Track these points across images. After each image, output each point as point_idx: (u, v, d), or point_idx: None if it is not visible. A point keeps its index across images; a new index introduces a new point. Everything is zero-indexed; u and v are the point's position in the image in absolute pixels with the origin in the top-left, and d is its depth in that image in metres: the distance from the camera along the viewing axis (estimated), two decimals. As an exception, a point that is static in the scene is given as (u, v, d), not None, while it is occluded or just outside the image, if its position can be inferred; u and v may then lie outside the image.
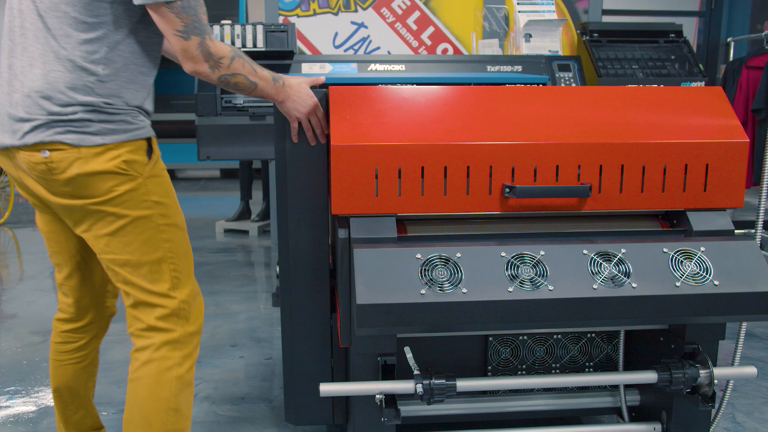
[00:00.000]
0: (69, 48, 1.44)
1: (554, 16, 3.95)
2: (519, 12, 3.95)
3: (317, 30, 4.35)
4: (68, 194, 1.48)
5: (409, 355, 1.64)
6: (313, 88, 1.75)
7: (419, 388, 1.57)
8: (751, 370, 1.70)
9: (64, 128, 1.44)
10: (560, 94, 1.79)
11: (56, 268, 1.74)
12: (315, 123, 1.74)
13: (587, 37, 3.82)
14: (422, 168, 1.62)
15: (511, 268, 1.54)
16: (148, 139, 1.55)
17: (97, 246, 1.54)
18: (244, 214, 5.70)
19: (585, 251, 1.58)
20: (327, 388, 1.61)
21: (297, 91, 1.69)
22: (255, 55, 3.07)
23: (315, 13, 4.34)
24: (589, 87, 2.05)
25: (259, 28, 3.27)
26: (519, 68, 3.65)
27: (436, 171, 1.63)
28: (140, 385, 1.56)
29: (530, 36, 3.86)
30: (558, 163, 1.65)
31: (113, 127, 1.47)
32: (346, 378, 1.89)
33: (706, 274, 1.57)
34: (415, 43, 4.39)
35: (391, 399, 1.63)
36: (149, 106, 1.59)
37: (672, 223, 1.77)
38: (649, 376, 1.68)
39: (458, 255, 1.54)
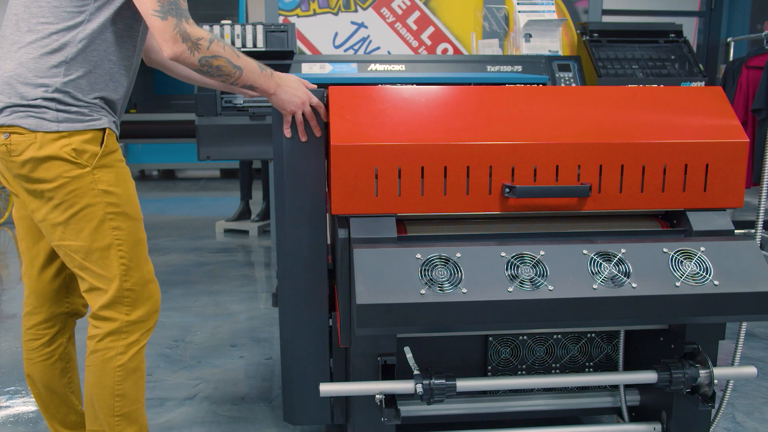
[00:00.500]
0: (44, 33, 1.52)
1: (554, 16, 3.95)
2: (519, 12, 3.94)
3: (317, 30, 4.35)
4: (24, 177, 1.56)
5: (409, 355, 1.64)
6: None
7: (419, 388, 1.57)
8: (751, 370, 1.70)
9: (25, 113, 1.52)
10: (560, 94, 1.79)
11: (21, 256, 1.79)
12: (309, 115, 1.73)
13: (587, 37, 3.82)
14: (422, 168, 1.62)
15: (511, 268, 1.54)
16: (103, 131, 1.60)
17: (53, 234, 1.61)
18: (244, 214, 5.70)
19: (585, 251, 1.58)
20: (327, 388, 1.61)
21: (288, 81, 1.70)
22: (255, 55, 3.07)
23: (315, 13, 4.34)
24: (589, 87, 2.05)
25: (259, 28, 3.27)
26: (519, 68, 3.65)
27: (436, 171, 1.63)
28: (89, 372, 1.67)
29: (530, 36, 3.86)
30: (558, 163, 1.65)
31: (69, 116, 1.54)
32: (346, 378, 1.89)
33: (706, 274, 1.57)
34: (415, 43, 4.39)
35: (391, 399, 1.63)
36: (114, 98, 1.63)
37: (672, 223, 1.77)
38: (649, 376, 1.68)
39: (458, 255, 1.54)
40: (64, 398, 1.86)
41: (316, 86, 1.77)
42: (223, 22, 3.34)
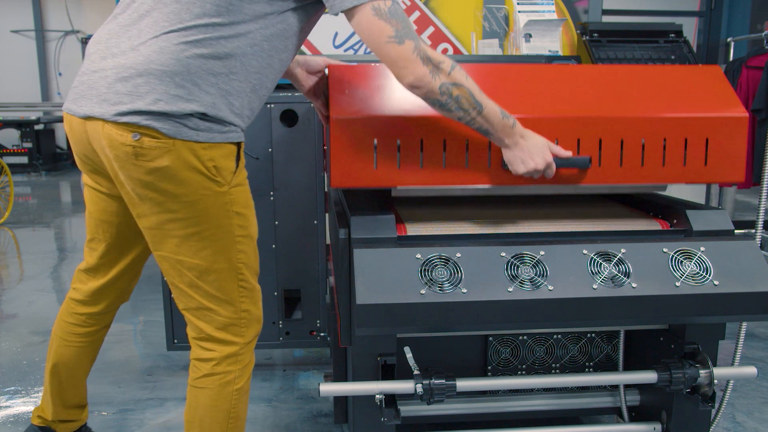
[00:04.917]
0: (195, 35, 1.35)
1: (554, 16, 3.95)
2: (519, 12, 3.94)
3: (317, 30, 4.34)
4: (148, 185, 1.39)
5: (409, 355, 1.64)
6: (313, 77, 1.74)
7: (419, 388, 1.57)
8: (751, 370, 1.70)
9: (163, 115, 1.35)
10: (560, 73, 1.78)
11: (88, 254, 1.70)
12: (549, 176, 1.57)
13: (587, 37, 3.82)
14: (421, 141, 1.61)
15: (511, 268, 1.54)
16: (238, 145, 1.47)
17: (163, 245, 1.47)
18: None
19: (585, 251, 1.58)
20: (327, 388, 1.61)
21: (531, 139, 1.53)
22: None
23: (315, 13, 4.34)
24: (589, 66, 2.05)
25: (259, 28, 3.27)
26: (519, 68, 3.65)
27: (435, 143, 1.61)
28: (202, 394, 1.55)
29: (530, 36, 3.86)
30: (558, 137, 1.64)
31: (210, 126, 1.39)
32: (346, 378, 1.89)
33: (706, 274, 1.57)
34: (415, 43, 4.38)
35: (391, 399, 1.63)
36: (247, 116, 1.49)
37: (672, 223, 1.77)
38: (649, 376, 1.68)
39: (458, 255, 1.54)
40: (79, 381, 1.86)
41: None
42: (223, 22, 3.33)
